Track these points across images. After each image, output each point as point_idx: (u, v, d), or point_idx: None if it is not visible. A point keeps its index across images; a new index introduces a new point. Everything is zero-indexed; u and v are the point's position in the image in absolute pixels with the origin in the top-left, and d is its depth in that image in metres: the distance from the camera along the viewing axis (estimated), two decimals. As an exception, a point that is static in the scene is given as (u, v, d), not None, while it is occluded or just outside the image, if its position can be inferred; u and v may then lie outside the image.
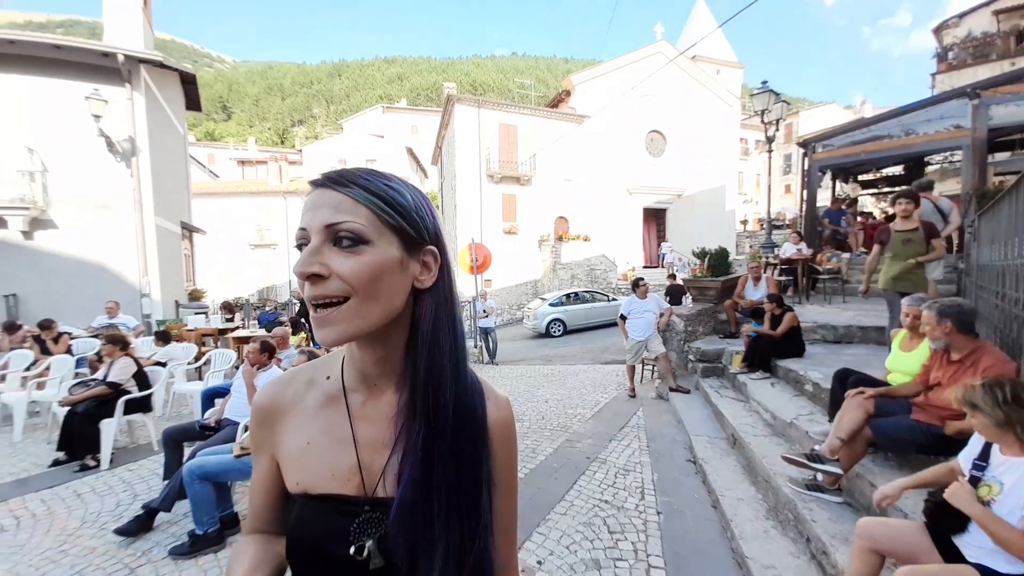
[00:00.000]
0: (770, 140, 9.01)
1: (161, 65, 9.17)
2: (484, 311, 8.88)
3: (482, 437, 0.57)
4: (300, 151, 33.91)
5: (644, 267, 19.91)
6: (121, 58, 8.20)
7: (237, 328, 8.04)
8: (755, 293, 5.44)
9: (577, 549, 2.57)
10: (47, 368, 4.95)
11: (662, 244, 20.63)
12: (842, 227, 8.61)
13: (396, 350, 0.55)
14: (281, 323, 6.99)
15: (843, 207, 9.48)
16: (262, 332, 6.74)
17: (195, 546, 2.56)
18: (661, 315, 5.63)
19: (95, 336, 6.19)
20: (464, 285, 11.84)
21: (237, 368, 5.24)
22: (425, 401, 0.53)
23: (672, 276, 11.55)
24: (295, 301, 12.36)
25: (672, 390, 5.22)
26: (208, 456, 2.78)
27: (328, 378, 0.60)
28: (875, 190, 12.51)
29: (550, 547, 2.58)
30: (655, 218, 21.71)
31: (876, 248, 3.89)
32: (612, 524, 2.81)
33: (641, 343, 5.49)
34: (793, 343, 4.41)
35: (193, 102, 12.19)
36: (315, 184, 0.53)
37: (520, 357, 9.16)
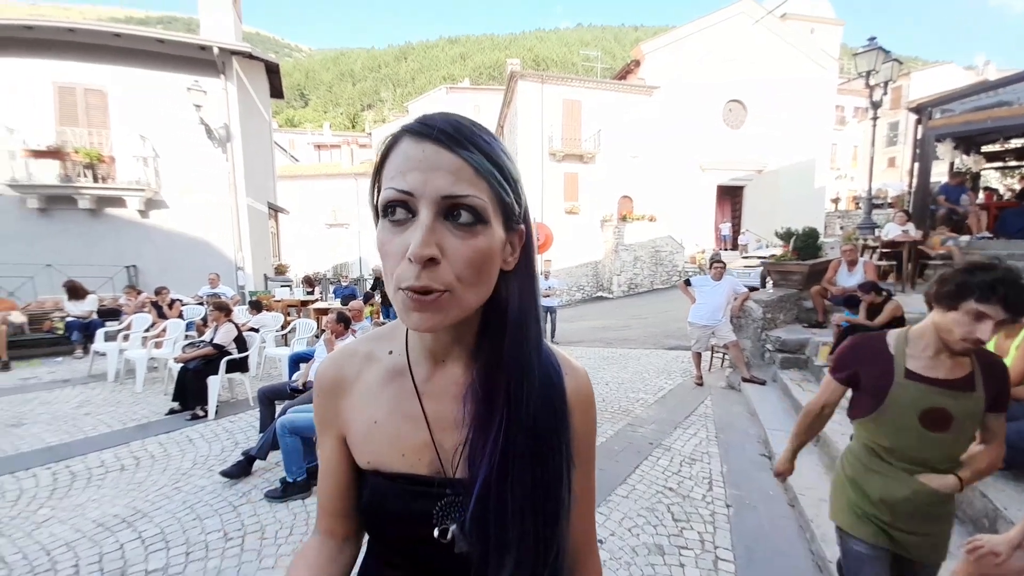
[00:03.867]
0: (876, 106, 7.92)
1: (250, 56, 9.88)
2: (548, 289, 8.81)
3: (561, 411, 0.54)
4: (370, 134, 35.44)
5: (716, 250, 18.75)
6: (216, 51, 8.95)
7: (316, 300, 8.72)
8: (849, 279, 4.89)
9: (640, 533, 2.53)
10: (163, 330, 5.69)
11: (720, 225, 19.23)
12: (961, 206, 7.45)
13: (470, 330, 0.53)
14: (355, 297, 7.47)
15: (963, 182, 8.17)
16: (338, 304, 7.25)
17: (286, 492, 2.86)
18: (735, 299, 5.26)
19: (200, 303, 7.01)
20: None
21: (318, 337, 5.70)
22: (508, 386, 0.50)
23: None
24: (367, 277, 13.06)
25: (745, 380, 4.90)
26: (296, 414, 3.06)
27: (391, 353, 0.58)
28: (1000, 163, 10.67)
29: (611, 528, 2.57)
30: (730, 196, 20.20)
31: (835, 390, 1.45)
32: (677, 512, 2.73)
33: (706, 329, 5.18)
34: (893, 335, 3.92)
35: (276, 90, 13.08)
36: (423, 135, 0.44)
37: (578, 339, 9.07)
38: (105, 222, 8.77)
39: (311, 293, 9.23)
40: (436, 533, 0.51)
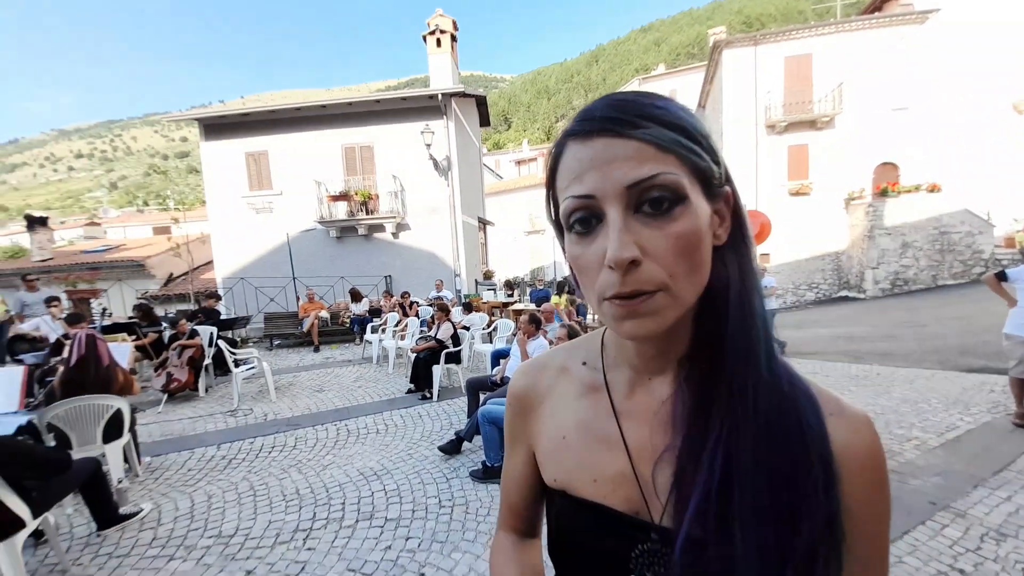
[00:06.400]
0: None
1: (463, 94, 11.66)
2: (764, 289, 7.45)
3: (820, 461, 0.38)
4: (562, 143, 37.08)
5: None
6: (440, 97, 10.90)
7: (515, 302, 9.57)
8: None
9: (910, 628, 1.80)
10: (405, 326, 7.16)
11: None
12: None
13: (682, 332, 0.43)
14: (548, 299, 7.88)
15: None
16: (533, 307, 7.75)
17: (486, 474, 3.18)
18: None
19: (430, 305, 8.56)
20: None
21: (515, 336, 6.22)
22: (729, 396, 0.39)
23: None
24: (559, 281, 13.70)
25: None
26: (494, 406, 3.38)
27: (584, 364, 0.52)
28: None
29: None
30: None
31: None
32: (982, 613, 1.84)
33: None
34: None
35: (484, 119, 15.03)
36: (587, 132, 0.39)
37: (811, 350, 7.32)
38: (372, 243, 11.70)
39: (511, 295, 10.19)
40: None
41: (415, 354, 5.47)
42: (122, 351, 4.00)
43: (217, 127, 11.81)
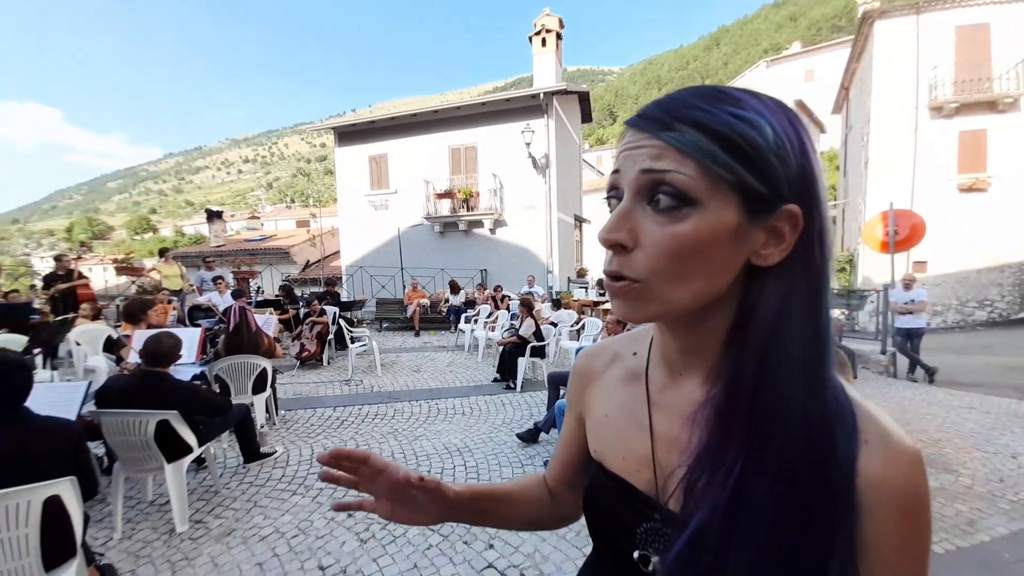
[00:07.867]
0: None
1: (565, 92, 11.69)
2: (911, 303, 6.25)
3: (838, 493, 0.39)
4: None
5: None
6: (541, 96, 11.07)
7: (606, 302, 9.40)
8: None
9: None
10: (496, 318, 7.50)
11: None
12: None
13: (710, 340, 0.44)
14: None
15: None
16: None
17: (559, 467, 3.26)
18: None
19: (520, 299, 8.83)
20: (877, 268, 8.90)
21: (600, 335, 6.15)
22: (751, 418, 0.40)
23: None
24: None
25: None
26: (570, 401, 3.45)
27: (635, 354, 0.57)
28: None
29: None
30: None
31: None
32: None
33: None
34: None
35: (587, 115, 14.87)
36: (630, 124, 0.42)
37: (973, 381, 6.03)
38: (471, 239, 12.38)
39: (602, 295, 10.01)
40: (636, 555, 0.48)
41: (502, 346, 5.73)
42: (269, 322, 4.88)
43: (348, 134, 13.48)
